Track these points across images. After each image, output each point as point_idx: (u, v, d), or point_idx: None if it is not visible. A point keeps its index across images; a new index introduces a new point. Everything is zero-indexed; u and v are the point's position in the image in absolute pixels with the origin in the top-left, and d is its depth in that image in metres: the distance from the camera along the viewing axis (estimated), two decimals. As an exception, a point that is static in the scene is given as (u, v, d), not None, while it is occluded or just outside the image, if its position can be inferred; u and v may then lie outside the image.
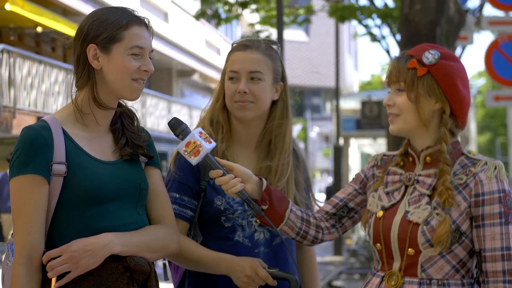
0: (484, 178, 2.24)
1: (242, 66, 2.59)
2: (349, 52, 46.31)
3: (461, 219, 2.24)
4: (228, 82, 2.62)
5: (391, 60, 2.39)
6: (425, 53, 2.29)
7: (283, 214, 2.40)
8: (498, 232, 2.21)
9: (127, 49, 2.22)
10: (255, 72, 2.59)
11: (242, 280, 2.45)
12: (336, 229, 2.51)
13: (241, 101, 2.58)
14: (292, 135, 2.70)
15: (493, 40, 10.22)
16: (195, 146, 2.28)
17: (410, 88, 2.29)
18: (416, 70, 2.28)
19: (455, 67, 2.29)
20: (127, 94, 2.26)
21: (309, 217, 2.47)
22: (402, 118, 2.31)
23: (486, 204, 2.22)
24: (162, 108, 20.85)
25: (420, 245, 2.23)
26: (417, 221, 2.25)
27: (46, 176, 2.14)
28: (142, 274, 2.19)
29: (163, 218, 2.33)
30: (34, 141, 2.15)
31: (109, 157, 2.27)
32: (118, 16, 2.24)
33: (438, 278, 2.25)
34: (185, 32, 22.99)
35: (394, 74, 2.32)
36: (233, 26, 30.61)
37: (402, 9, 7.71)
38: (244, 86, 2.57)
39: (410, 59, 2.30)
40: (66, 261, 2.09)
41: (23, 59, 13.52)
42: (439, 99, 2.28)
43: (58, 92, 14.60)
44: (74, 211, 2.16)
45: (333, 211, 2.50)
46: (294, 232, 2.44)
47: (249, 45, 2.62)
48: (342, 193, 2.52)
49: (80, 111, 2.24)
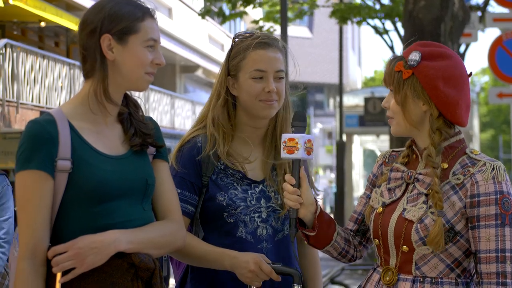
0: (480, 179, 2.22)
1: (269, 65, 2.59)
2: (352, 49, 46.25)
3: (455, 219, 2.23)
4: (251, 81, 2.60)
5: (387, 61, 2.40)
6: (410, 55, 2.27)
7: (331, 237, 2.44)
8: (493, 234, 2.19)
9: (143, 41, 2.21)
10: (280, 71, 2.61)
11: (246, 275, 2.46)
12: (364, 246, 2.54)
13: (268, 100, 2.59)
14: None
15: (497, 37, 10.20)
16: (294, 146, 2.32)
17: (397, 91, 2.28)
18: (401, 73, 2.27)
19: (437, 67, 2.25)
20: (140, 85, 2.25)
21: (349, 236, 2.50)
22: (396, 121, 2.33)
23: (482, 205, 2.21)
24: (166, 103, 20.85)
25: (413, 242, 2.24)
26: (412, 219, 2.25)
27: (50, 172, 2.13)
28: (147, 271, 2.18)
29: (170, 213, 2.32)
30: (38, 135, 2.13)
31: (118, 149, 2.25)
32: (132, 8, 2.22)
33: (432, 276, 2.25)
34: (188, 28, 22.97)
35: (386, 76, 2.33)
36: (237, 22, 30.59)
37: (406, 6, 7.70)
38: (273, 85, 2.59)
39: (398, 61, 2.29)
40: (71, 258, 2.09)
41: (26, 54, 13.51)
42: (425, 101, 2.27)
43: (61, 87, 14.58)
44: (79, 208, 2.15)
45: (356, 228, 2.52)
46: (337, 251, 2.48)
47: (270, 43, 2.62)
48: (359, 205, 2.53)
49: (89, 102, 2.22)
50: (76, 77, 14.82)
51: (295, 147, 2.30)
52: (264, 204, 2.61)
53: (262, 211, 2.60)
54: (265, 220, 2.59)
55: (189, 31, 23.10)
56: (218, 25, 26.36)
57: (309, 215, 2.38)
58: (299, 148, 2.30)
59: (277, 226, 2.61)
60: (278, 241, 2.62)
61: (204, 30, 24.99)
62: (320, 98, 46.77)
